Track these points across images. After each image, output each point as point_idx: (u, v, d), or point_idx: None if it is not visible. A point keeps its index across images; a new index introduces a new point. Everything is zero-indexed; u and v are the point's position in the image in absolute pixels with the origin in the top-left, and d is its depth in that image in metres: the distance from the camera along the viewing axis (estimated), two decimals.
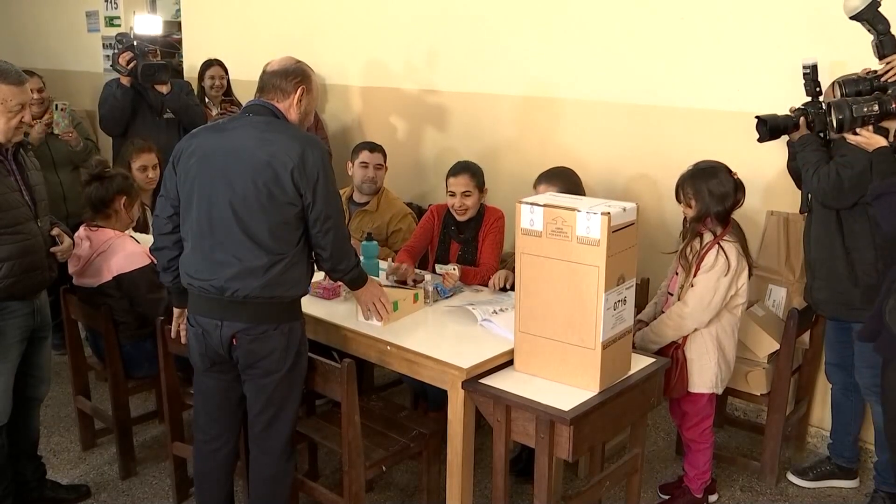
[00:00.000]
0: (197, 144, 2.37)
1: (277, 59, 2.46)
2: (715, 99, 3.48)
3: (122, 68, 4.05)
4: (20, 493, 2.87)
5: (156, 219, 2.50)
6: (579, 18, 3.87)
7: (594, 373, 2.29)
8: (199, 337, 2.39)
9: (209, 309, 2.35)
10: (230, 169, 2.27)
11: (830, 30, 3.13)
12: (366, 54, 4.89)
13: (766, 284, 3.37)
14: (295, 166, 2.24)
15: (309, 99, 2.42)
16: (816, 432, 3.44)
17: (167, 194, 2.43)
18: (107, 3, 7.40)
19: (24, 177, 2.63)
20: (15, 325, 2.63)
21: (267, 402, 2.41)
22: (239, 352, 2.35)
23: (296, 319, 2.40)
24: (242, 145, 2.28)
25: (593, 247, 2.19)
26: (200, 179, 2.31)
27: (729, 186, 2.74)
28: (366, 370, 3.56)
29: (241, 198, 2.26)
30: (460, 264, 3.27)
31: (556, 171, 3.17)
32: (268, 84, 2.40)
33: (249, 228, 2.26)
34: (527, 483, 2.91)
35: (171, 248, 2.45)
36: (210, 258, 2.31)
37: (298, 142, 2.28)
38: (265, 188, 2.24)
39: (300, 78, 2.40)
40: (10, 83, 2.50)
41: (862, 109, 2.30)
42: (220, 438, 2.53)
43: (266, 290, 2.29)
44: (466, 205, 3.32)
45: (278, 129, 2.32)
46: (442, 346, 2.55)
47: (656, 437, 3.56)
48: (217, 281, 2.29)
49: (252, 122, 2.34)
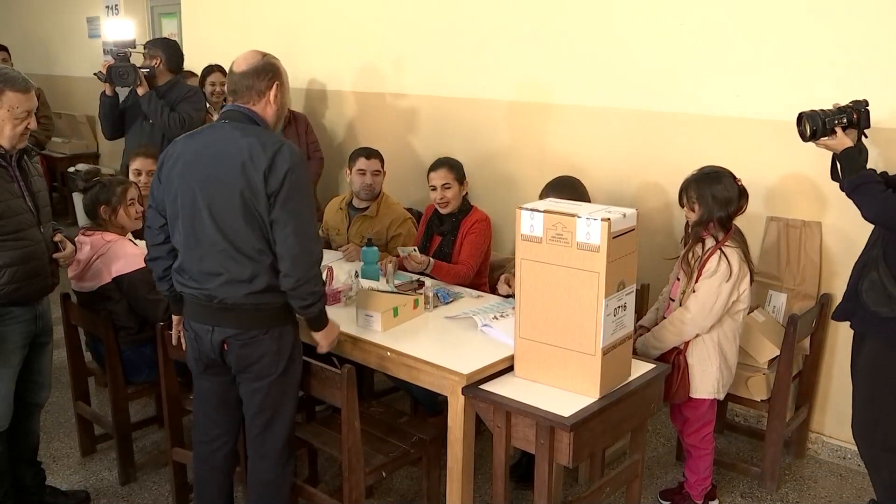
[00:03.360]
0: (178, 154, 2.34)
1: (242, 57, 2.36)
2: (715, 104, 3.49)
3: (101, 76, 4.18)
4: (20, 499, 2.87)
5: (147, 230, 2.48)
6: (579, 24, 3.88)
7: (594, 379, 2.29)
8: (193, 341, 2.41)
9: (201, 315, 2.35)
10: (209, 178, 2.25)
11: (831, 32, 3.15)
12: (364, 59, 4.91)
13: (766, 290, 3.38)
14: (266, 169, 2.19)
15: (283, 93, 2.37)
16: (817, 438, 3.44)
17: (155, 204, 2.41)
18: (108, 9, 7.43)
19: (28, 183, 2.64)
20: (17, 330, 2.63)
21: (262, 405, 2.41)
22: (230, 356, 2.36)
23: (286, 324, 2.39)
24: (219, 153, 2.25)
25: (593, 253, 2.19)
26: (182, 189, 2.30)
27: (733, 192, 2.75)
28: (366, 376, 3.56)
29: (220, 207, 2.24)
30: (435, 257, 3.36)
31: (563, 181, 3.16)
32: (240, 86, 2.32)
33: (231, 238, 2.24)
34: (527, 489, 2.91)
35: (165, 257, 2.45)
36: (198, 268, 2.31)
37: (271, 146, 2.22)
38: (241, 197, 2.21)
39: (272, 74, 2.33)
40: (17, 90, 2.52)
41: (833, 121, 2.65)
42: (219, 439, 2.54)
43: (253, 298, 2.28)
44: (447, 196, 3.41)
45: (252, 133, 2.26)
46: (442, 351, 2.55)
47: (657, 442, 3.56)
48: (206, 289, 2.30)
49: (228, 129, 2.29)
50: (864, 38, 3.07)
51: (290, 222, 2.21)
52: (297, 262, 2.24)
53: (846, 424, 3.35)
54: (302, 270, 2.25)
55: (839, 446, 3.38)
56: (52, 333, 2.86)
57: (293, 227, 2.22)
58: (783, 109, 3.29)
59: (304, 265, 2.25)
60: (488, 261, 3.55)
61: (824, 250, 3.28)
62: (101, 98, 4.28)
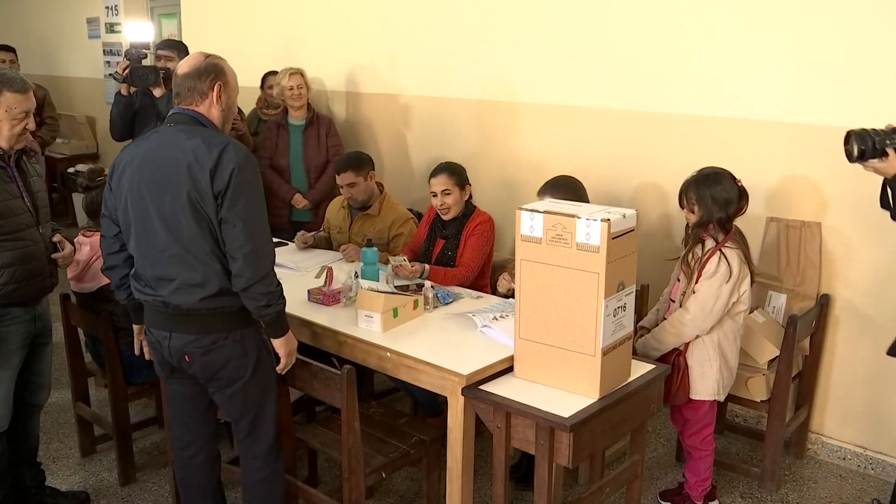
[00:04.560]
0: (126, 160, 2.32)
1: (186, 60, 2.35)
2: (715, 105, 3.49)
3: (118, 76, 4.19)
4: (20, 500, 2.87)
5: (102, 239, 2.46)
6: (580, 25, 3.88)
7: (594, 379, 2.29)
8: (156, 345, 2.39)
9: (158, 321, 2.34)
10: (156, 183, 2.23)
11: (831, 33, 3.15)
12: (364, 60, 4.91)
13: (765, 291, 3.38)
14: (211, 168, 2.16)
15: (228, 93, 2.34)
16: (817, 439, 3.44)
17: (108, 213, 2.39)
18: (107, 9, 7.43)
19: (27, 183, 2.64)
20: (16, 331, 2.63)
21: (243, 408, 2.41)
22: (194, 367, 2.33)
23: (247, 325, 2.35)
24: (164, 157, 2.22)
25: (593, 253, 2.19)
26: (132, 196, 2.28)
27: (733, 193, 2.74)
28: (365, 377, 3.56)
29: (169, 211, 2.22)
30: (438, 261, 3.38)
31: (561, 180, 3.17)
32: (182, 89, 2.30)
33: (182, 242, 2.22)
34: (527, 490, 2.91)
35: (121, 265, 2.43)
36: (152, 273, 2.29)
37: (216, 145, 2.19)
38: (188, 198, 2.18)
39: (214, 75, 2.30)
40: (15, 91, 2.52)
41: (885, 141, 2.41)
42: (195, 445, 2.52)
43: (207, 302, 2.25)
44: (447, 203, 3.39)
45: (197, 135, 2.23)
46: (442, 352, 2.55)
47: (656, 443, 3.56)
48: (161, 296, 2.28)
49: (173, 133, 2.26)
50: (864, 39, 3.07)
51: (238, 221, 2.19)
52: (248, 261, 2.20)
53: (846, 425, 3.36)
54: (253, 269, 2.21)
55: (839, 447, 3.38)
56: (51, 334, 2.86)
57: (242, 226, 2.19)
58: (783, 110, 3.30)
59: (254, 264, 2.21)
60: (490, 262, 3.54)
61: (824, 251, 3.28)
62: (116, 98, 4.28)
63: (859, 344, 3.26)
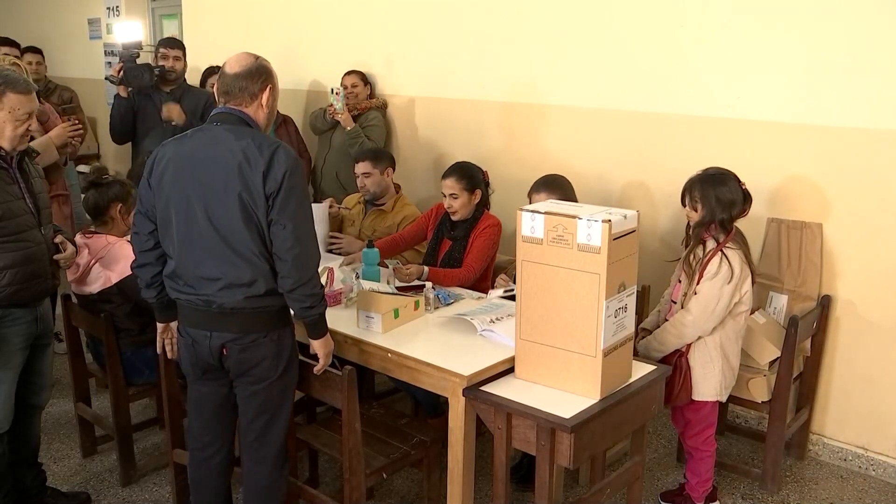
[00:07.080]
0: (168, 158, 2.31)
1: (235, 58, 2.33)
2: (716, 106, 3.49)
3: (114, 79, 4.23)
4: (20, 501, 2.87)
5: (135, 236, 2.44)
6: (580, 25, 3.88)
7: (595, 380, 2.29)
8: (190, 347, 2.38)
9: (198, 320, 2.33)
10: (203, 181, 2.23)
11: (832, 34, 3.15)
12: (363, 60, 4.90)
13: (766, 292, 3.37)
14: (264, 170, 2.18)
15: (274, 96, 2.36)
16: (818, 440, 3.43)
17: (144, 210, 2.38)
18: (109, 10, 7.43)
19: (28, 185, 2.64)
20: (18, 332, 2.63)
21: (260, 408, 2.40)
22: (230, 361, 2.34)
23: (285, 326, 2.38)
24: (212, 156, 2.23)
25: (594, 254, 2.19)
26: (175, 194, 2.28)
27: (737, 195, 2.74)
28: (366, 377, 3.56)
29: (217, 211, 2.22)
30: (444, 262, 3.39)
31: (554, 179, 3.18)
32: (233, 88, 2.29)
33: (230, 242, 2.23)
34: (527, 490, 2.91)
35: (154, 264, 2.42)
36: (195, 273, 2.28)
37: (268, 147, 2.21)
38: (238, 199, 2.20)
39: (265, 77, 2.32)
40: (19, 92, 2.52)
41: None
42: (213, 446, 2.53)
43: (252, 302, 2.27)
44: (454, 206, 3.39)
45: (247, 135, 2.24)
46: (443, 353, 2.55)
47: (657, 444, 3.56)
48: (204, 294, 2.28)
49: (220, 132, 2.26)
50: (866, 40, 3.07)
51: (288, 223, 2.21)
52: (297, 263, 2.23)
53: (847, 426, 3.36)
54: (300, 272, 2.24)
55: (840, 448, 3.38)
56: (52, 335, 2.86)
57: (292, 229, 2.21)
58: (784, 111, 3.30)
59: (301, 266, 2.24)
60: (493, 264, 3.54)
61: (825, 252, 3.28)
62: (115, 100, 4.30)
63: (860, 345, 3.26)
